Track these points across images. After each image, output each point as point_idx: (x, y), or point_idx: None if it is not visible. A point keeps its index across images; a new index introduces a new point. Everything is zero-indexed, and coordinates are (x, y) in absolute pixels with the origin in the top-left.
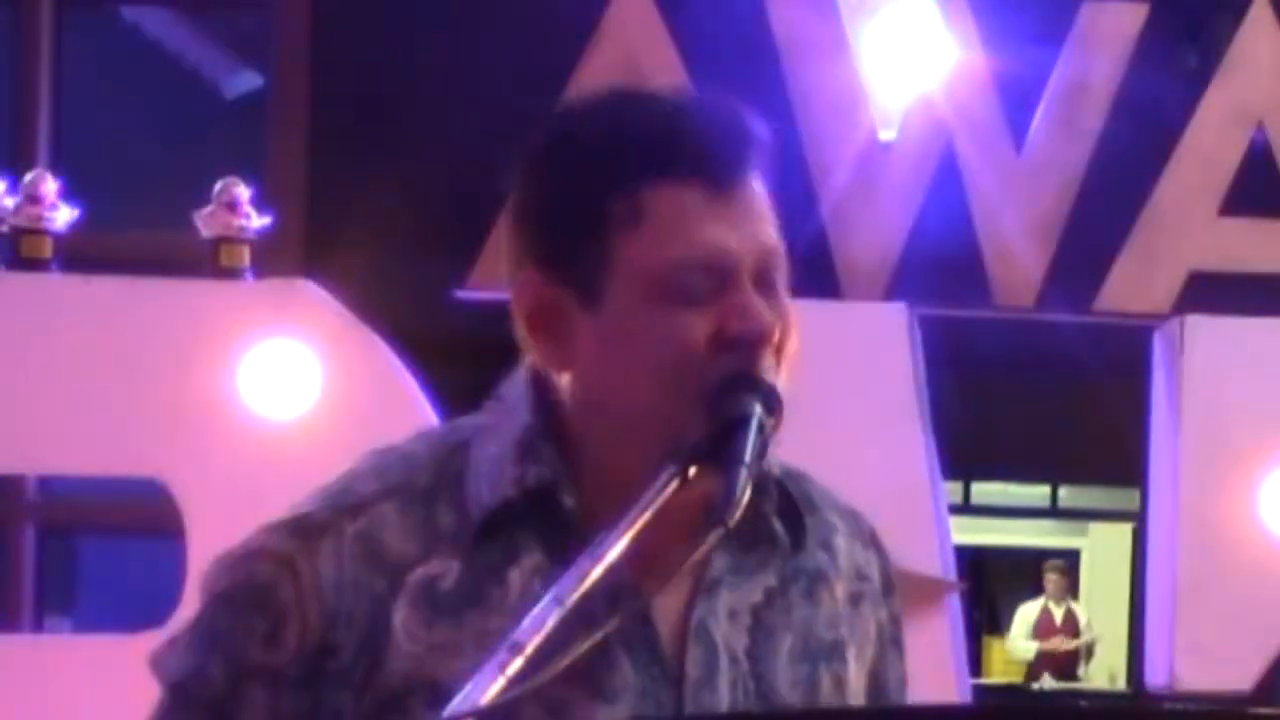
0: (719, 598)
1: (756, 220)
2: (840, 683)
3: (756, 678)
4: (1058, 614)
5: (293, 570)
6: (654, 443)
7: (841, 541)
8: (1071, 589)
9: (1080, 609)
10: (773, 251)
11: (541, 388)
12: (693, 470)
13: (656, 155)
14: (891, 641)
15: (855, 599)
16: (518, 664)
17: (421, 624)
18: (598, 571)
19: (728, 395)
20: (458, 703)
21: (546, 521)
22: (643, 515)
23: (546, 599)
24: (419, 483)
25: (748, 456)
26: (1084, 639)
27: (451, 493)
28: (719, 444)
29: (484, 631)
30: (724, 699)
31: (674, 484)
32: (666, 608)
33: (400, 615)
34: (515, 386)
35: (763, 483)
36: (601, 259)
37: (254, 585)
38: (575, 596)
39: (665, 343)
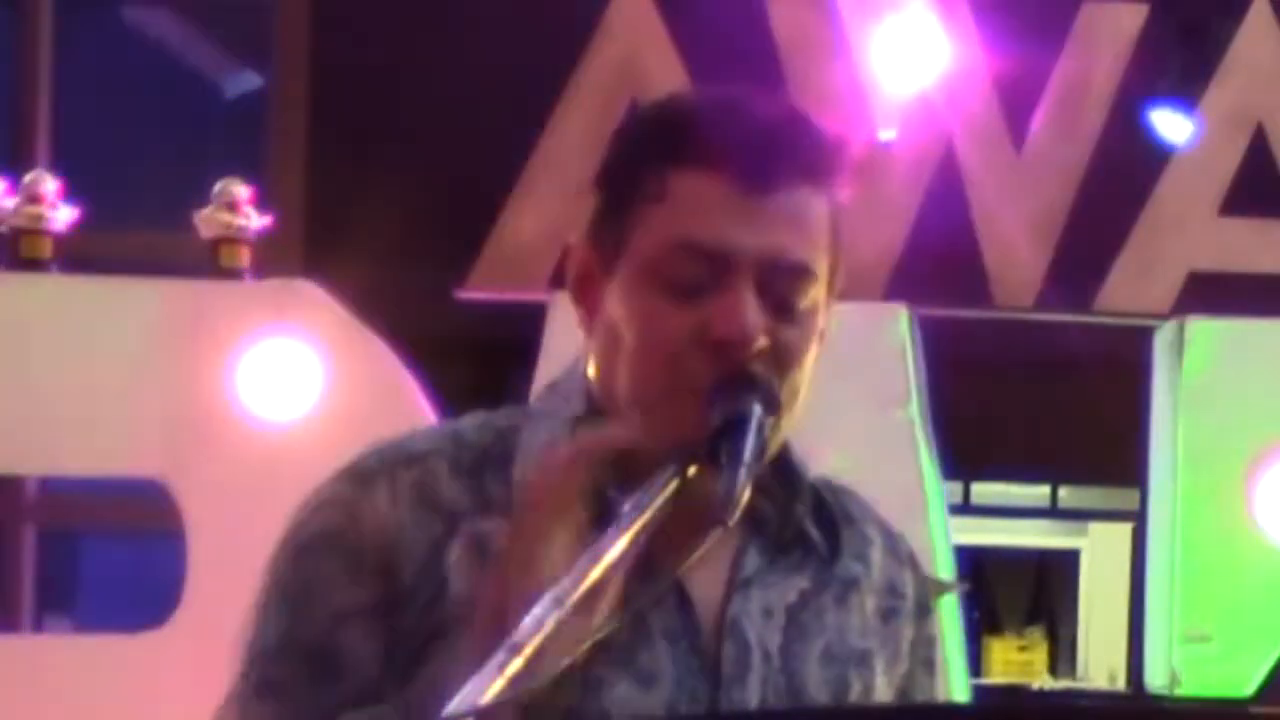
0: (751, 596)
1: (783, 229)
2: (868, 691)
3: (788, 675)
4: None
5: (354, 513)
6: (648, 433)
7: (877, 555)
8: (1071, 589)
9: None
10: (791, 266)
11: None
12: (692, 470)
13: (689, 139)
14: (923, 662)
15: (887, 614)
16: (517, 664)
17: (471, 571)
18: (597, 572)
19: (726, 395)
20: (457, 703)
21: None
22: (642, 516)
23: (546, 599)
24: (464, 457)
25: (747, 456)
26: None
27: (498, 471)
28: (718, 444)
29: None
30: (754, 696)
31: (674, 484)
32: (705, 602)
33: (454, 556)
34: (571, 378)
35: (797, 488)
36: (624, 229)
37: (325, 533)
38: (574, 597)
39: (644, 331)
